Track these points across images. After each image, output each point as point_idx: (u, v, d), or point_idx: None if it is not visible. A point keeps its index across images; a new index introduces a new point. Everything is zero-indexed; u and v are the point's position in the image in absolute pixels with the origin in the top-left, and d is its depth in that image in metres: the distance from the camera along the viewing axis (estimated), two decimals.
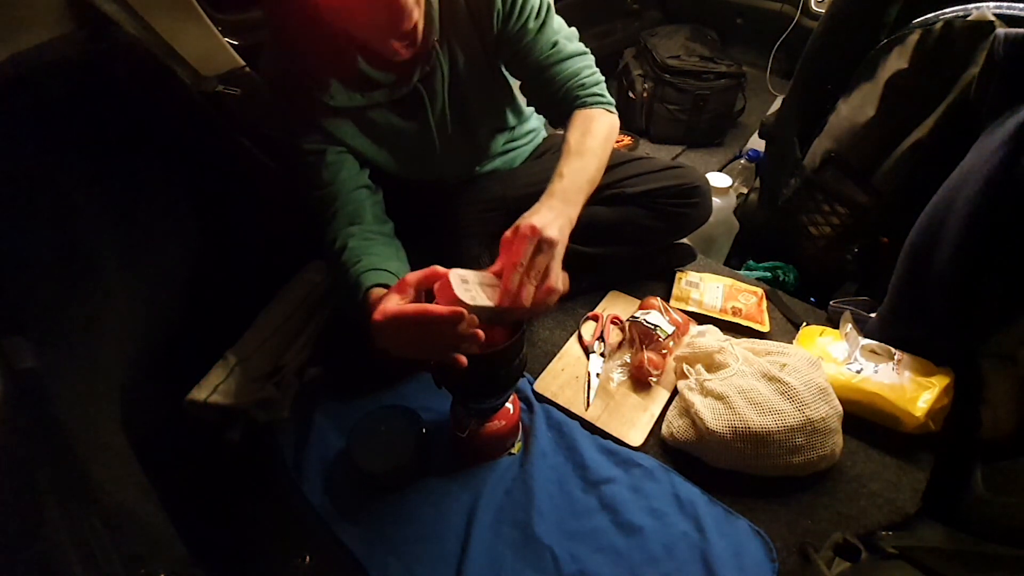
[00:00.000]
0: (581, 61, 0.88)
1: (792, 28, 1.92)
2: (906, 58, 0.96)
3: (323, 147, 0.87)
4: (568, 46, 0.88)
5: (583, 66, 0.87)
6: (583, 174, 0.75)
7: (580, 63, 0.87)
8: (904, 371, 0.91)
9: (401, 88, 0.86)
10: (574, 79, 0.86)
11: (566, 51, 0.87)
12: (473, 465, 0.90)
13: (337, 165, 0.88)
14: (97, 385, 0.80)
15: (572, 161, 0.76)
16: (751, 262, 1.41)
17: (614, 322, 1.11)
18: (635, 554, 0.79)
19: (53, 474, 0.52)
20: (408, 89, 0.86)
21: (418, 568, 0.79)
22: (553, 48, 0.86)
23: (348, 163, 0.90)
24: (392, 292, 0.64)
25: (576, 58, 0.88)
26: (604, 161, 0.80)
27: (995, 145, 0.76)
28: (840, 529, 0.79)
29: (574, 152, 0.77)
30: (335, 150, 0.88)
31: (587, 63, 0.89)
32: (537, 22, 0.85)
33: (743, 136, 1.97)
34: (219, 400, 0.89)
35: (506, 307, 0.62)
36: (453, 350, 0.63)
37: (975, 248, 0.81)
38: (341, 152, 0.89)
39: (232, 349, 0.97)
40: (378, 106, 0.88)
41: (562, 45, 0.87)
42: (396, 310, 0.61)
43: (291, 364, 0.99)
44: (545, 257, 0.64)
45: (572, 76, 0.86)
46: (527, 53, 0.86)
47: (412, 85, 0.85)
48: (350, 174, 0.90)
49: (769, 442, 0.83)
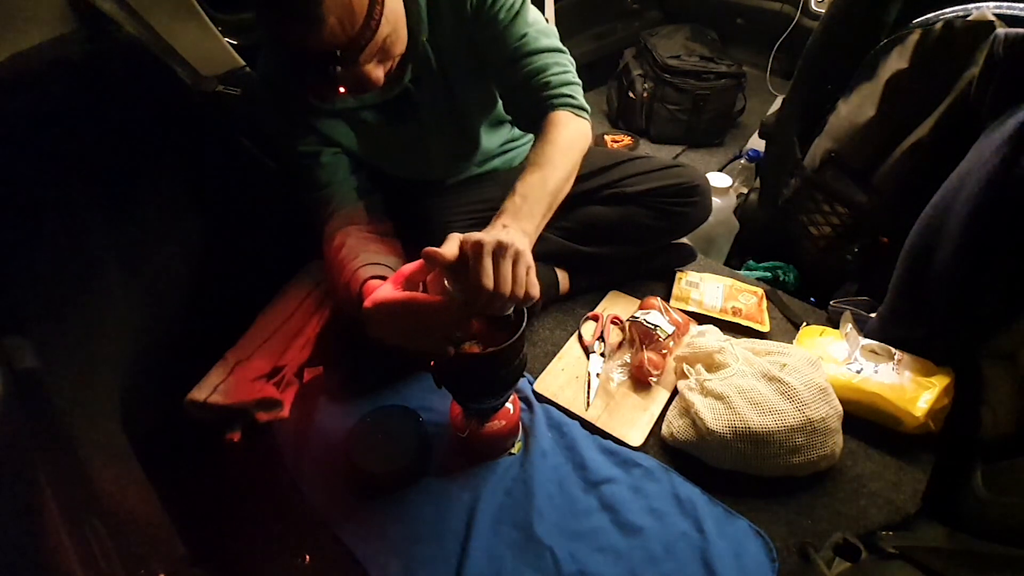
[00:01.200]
0: (551, 58, 0.80)
1: (792, 28, 1.93)
2: (906, 58, 0.96)
3: (319, 148, 0.87)
4: (540, 40, 0.80)
5: (551, 63, 0.80)
6: (541, 187, 0.69)
7: (549, 59, 0.80)
8: (904, 371, 0.91)
9: (393, 89, 0.85)
10: (539, 76, 0.79)
11: (535, 45, 0.79)
12: (473, 465, 0.90)
13: (333, 166, 0.88)
14: (97, 385, 0.80)
15: (529, 175, 0.71)
16: (751, 262, 1.41)
17: (614, 322, 1.11)
18: (635, 554, 0.79)
19: (53, 474, 0.52)
20: (400, 89, 0.86)
21: (418, 568, 0.79)
22: (522, 40, 0.79)
23: (344, 164, 0.90)
24: (386, 282, 0.64)
25: (545, 54, 0.80)
26: (568, 170, 0.74)
27: (995, 145, 0.76)
28: (840, 529, 0.79)
29: (532, 164, 0.72)
30: (331, 151, 0.88)
31: (557, 60, 0.81)
32: (509, 14, 0.79)
33: (743, 136, 1.97)
34: (219, 400, 0.89)
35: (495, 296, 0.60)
36: (445, 341, 0.62)
37: (975, 248, 0.81)
38: (337, 153, 0.89)
39: (232, 349, 0.97)
40: (370, 107, 0.88)
41: (532, 38, 0.79)
42: (385, 297, 0.61)
43: (291, 364, 0.99)
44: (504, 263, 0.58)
45: (537, 72, 0.79)
46: (494, 45, 0.81)
47: (403, 86, 0.85)
48: (347, 175, 0.90)
49: (769, 442, 0.83)
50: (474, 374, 0.73)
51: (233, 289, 1.06)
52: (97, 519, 0.55)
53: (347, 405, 0.98)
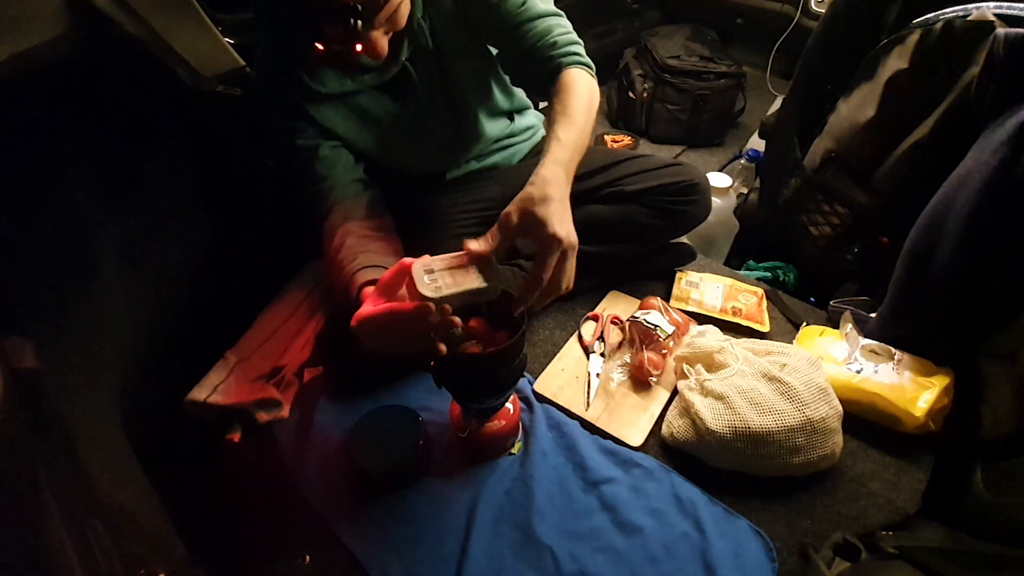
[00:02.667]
0: (553, 20, 0.85)
1: (792, 28, 1.92)
2: (906, 58, 0.96)
3: (318, 142, 0.87)
4: (538, 5, 0.84)
5: (554, 24, 0.84)
6: (579, 139, 0.72)
7: (551, 22, 0.84)
8: (904, 371, 0.91)
9: (390, 68, 0.86)
10: (544, 37, 0.83)
11: (535, 10, 0.84)
12: (473, 465, 0.90)
13: (332, 159, 0.88)
14: (97, 385, 0.80)
15: (565, 125, 0.72)
16: (751, 262, 1.41)
17: (614, 322, 1.11)
18: (635, 554, 0.79)
19: (53, 474, 0.52)
20: (397, 69, 0.86)
21: (418, 568, 0.79)
22: (521, 7, 0.83)
23: (343, 158, 0.90)
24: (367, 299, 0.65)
25: (546, 18, 0.84)
26: (592, 123, 0.76)
27: (995, 145, 0.76)
28: (840, 529, 0.79)
29: (561, 115, 0.74)
30: (329, 144, 0.88)
31: (559, 22, 0.85)
32: None
33: (743, 136, 1.97)
34: (219, 400, 0.89)
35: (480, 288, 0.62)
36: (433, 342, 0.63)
37: (975, 248, 0.81)
38: (336, 147, 0.89)
39: (232, 349, 0.97)
40: (369, 90, 0.88)
41: (531, 4, 0.84)
42: (366, 313, 0.62)
43: (291, 364, 0.99)
44: (568, 263, 0.63)
45: (543, 34, 0.83)
46: (495, 17, 0.84)
47: (400, 65, 0.86)
48: (345, 168, 0.89)
49: (769, 442, 0.83)
50: (474, 374, 0.73)
51: (233, 289, 1.06)
52: (97, 519, 0.55)
53: (347, 405, 0.98)
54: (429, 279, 0.60)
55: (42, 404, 0.62)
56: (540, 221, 0.61)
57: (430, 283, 0.60)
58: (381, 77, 0.87)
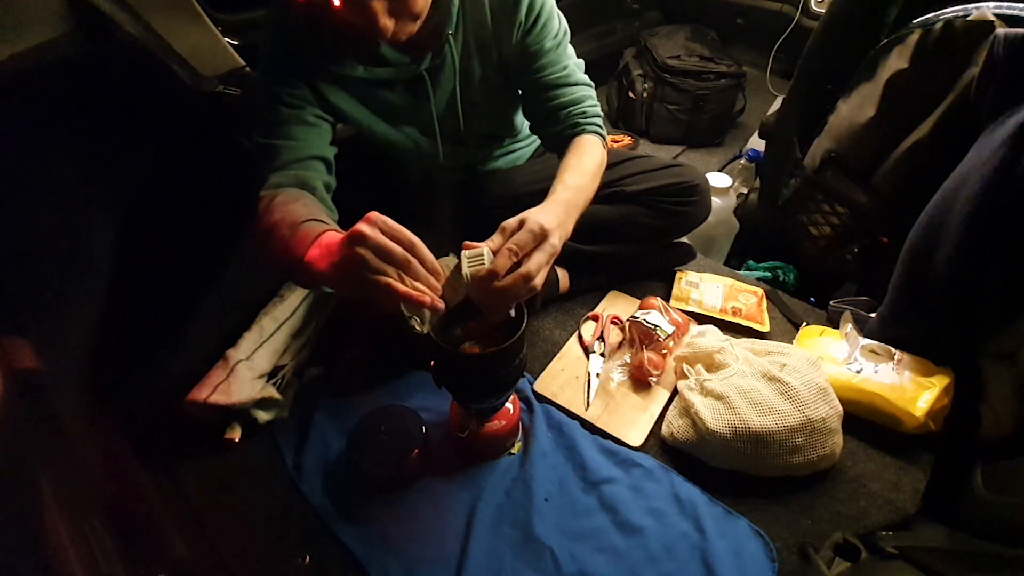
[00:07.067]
0: (586, 91, 0.91)
1: (792, 28, 1.93)
2: (906, 58, 0.96)
3: (305, 104, 0.82)
4: (577, 74, 0.91)
5: (587, 95, 0.90)
6: (581, 192, 0.76)
7: (585, 92, 0.91)
8: (904, 371, 0.91)
9: (410, 69, 0.85)
10: (578, 105, 0.89)
11: (575, 77, 0.90)
12: (473, 465, 0.90)
13: (311, 126, 0.83)
14: (97, 385, 0.80)
15: (574, 176, 0.77)
16: (751, 262, 1.41)
17: (614, 322, 1.11)
18: (635, 554, 0.79)
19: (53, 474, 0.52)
20: (414, 73, 0.86)
21: (418, 568, 0.79)
22: (564, 71, 0.89)
23: (324, 130, 0.85)
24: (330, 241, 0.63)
25: (583, 87, 0.91)
26: (596, 185, 0.82)
27: (995, 145, 0.76)
28: (840, 529, 0.79)
29: (574, 169, 0.79)
30: (315, 112, 0.84)
31: (591, 94, 0.92)
32: (554, 42, 0.88)
33: (743, 136, 1.97)
34: (219, 400, 0.89)
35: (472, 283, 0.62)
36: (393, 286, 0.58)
37: (975, 248, 0.81)
38: (321, 117, 0.84)
39: (232, 349, 0.97)
40: (382, 83, 0.87)
41: (572, 70, 0.90)
42: (325, 241, 0.63)
43: (291, 364, 0.99)
44: (542, 255, 0.64)
45: (577, 102, 0.89)
46: (538, 71, 0.89)
47: (419, 72, 0.85)
48: (321, 142, 0.84)
49: (769, 442, 0.83)
50: (474, 374, 0.73)
51: (233, 289, 1.06)
52: (97, 519, 0.55)
53: (347, 405, 0.98)
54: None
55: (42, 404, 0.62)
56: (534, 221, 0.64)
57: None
58: (397, 75, 0.86)
